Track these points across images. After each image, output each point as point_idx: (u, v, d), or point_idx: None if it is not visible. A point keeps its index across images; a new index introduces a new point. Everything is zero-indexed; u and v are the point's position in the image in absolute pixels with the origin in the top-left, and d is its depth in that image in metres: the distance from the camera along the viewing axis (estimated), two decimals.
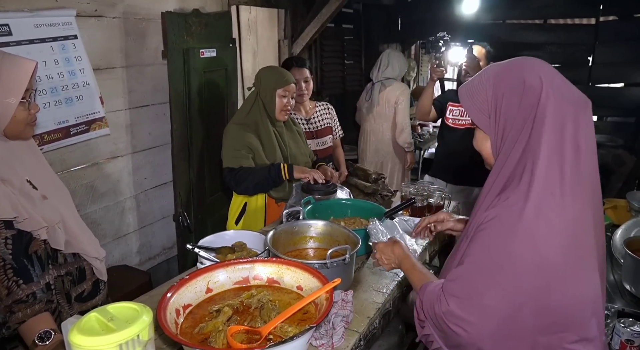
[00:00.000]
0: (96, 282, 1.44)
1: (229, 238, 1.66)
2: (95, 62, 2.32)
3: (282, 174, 2.05)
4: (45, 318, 1.14)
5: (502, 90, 1.01)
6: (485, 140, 1.10)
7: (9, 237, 1.15)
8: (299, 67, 2.62)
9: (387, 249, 1.33)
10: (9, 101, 1.17)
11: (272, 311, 1.19)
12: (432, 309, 1.02)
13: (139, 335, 0.81)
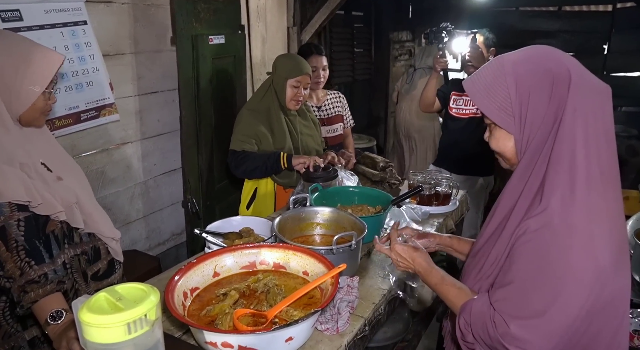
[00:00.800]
0: (111, 262, 1.47)
1: (237, 224, 1.67)
2: (105, 48, 2.32)
3: (280, 163, 2.07)
4: (56, 298, 1.17)
5: (528, 86, 0.92)
6: (507, 140, 0.99)
7: (21, 219, 1.17)
8: (318, 54, 2.63)
9: (406, 254, 1.19)
10: (34, 89, 1.21)
11: (278, 295, 1.21)
12: (486, 332, 0.93)
13: (147, 315, 0.82)
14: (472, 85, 1.00)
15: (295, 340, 1.08)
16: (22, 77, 1.19)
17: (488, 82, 0.97)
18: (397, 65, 5.48)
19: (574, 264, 0.85)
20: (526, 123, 0.94)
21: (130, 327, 0.80)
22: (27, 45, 1.23)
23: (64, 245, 1.30)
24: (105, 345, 0.80)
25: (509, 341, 0.89)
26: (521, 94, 0.92)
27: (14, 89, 1.20)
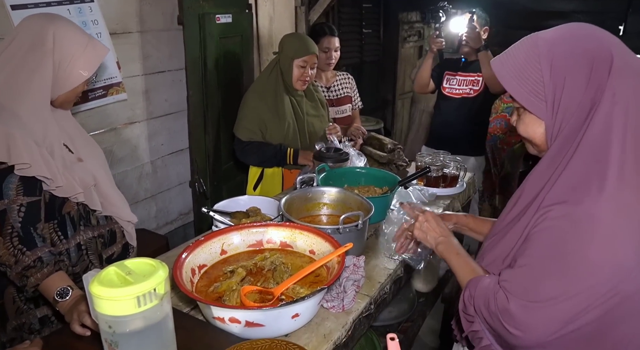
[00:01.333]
0: (125, 245, 1.50)
1: (244, 203, 1.68)
2: (112, 27, 2.31)
3: (287, 159, 2.11)
4: (59, 277, 1.18)
5: (564, 69, 0.85)
6: (537, 126, 0.93)
7: (24, 204, 1.18)
8: (331, 35, 2.61)
9: (435, 222, 1.17)
10: (83, 73, 1.29)
11: (284, 273, 1.22)
12: (487, 305, 0.92)
13: (156, 289, 0.83)
14: (502, 66, 0.93)
15: (301, 317, 1.09)
16: (76, 60, 1.27)
17: (519, 63, 0.90)
18: (406, 46, 5.40)
19: (591, 257, 0.82)
20: (559, 109, 0.87)
21: (140, 301, 0.81)
22: (82, 33, 1.31)
23: (80, 226, 1.33)
24: (116, 318, 0.82)
25: (506, 319, 0.88)
26: (556, 78, 0.86)
27: (68, 70, 1.27)
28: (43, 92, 1.25)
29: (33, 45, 1.22)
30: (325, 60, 2.62)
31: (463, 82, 2.75)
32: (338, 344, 1.15)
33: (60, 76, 1.27)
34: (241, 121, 2.16)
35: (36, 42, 1.22)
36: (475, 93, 2.71)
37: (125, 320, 0.82)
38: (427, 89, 2.88)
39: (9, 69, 1.22)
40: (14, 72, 1.22)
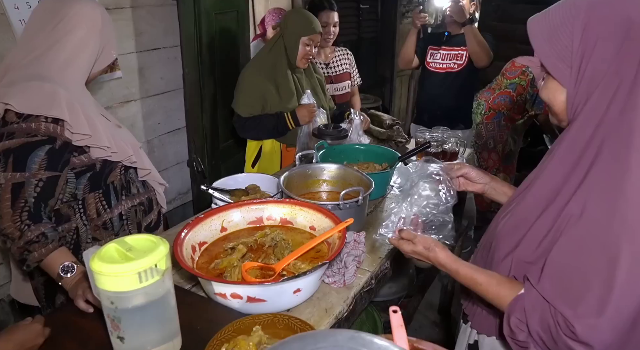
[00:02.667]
0: (159, 213, 1.57)
1: (242, 181, 1.67)
2: (104, 2, 2.24)
3: (288, 124, 2.08)
4: (63, 253, 1.18)
5: (596, 34, 0.78)
6: (559, 92, 0.86)
7: (42, 179, 1.18)
8: (330, 9, 2.55)
9: (423, 255, 1.08)
10: (113, 53, 1.42)
11: (285, 249, 1.22)
12: (549, 333, 0.83)
13: (157, 265, 0.83)
14: (536, 25, 0.86)
15: (303, 292, 1.10)
16: (111, 43, 1.39)
17: (554, 24, 0.83)
18: (405, 22, 5.30)
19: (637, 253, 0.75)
20: (584, 77, 0.81)
21: (142, 276, 0.81)
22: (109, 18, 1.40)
23: (122, 196, 1.40)
24: (118, 294, 0.82)
25: (574, 343, 0.80)
26: (586, 43, 0.79)
27: (106, 50, 1.38)
28: (88, 68, 1.33)
29: (91, 25, 1.30)
30: (324, 35, 2.57)
31: (447, 57, 2.74)
32: (340, 318, 1.15)
33: (101, 55, 1.37)
34: (240, 97, 2.13)
35: (92, 23, 1.31)
36: (460, 67, 2.70)
37: (128, 296, 0.82)
38: (411, 64, 2.87)
39: (70, 46, 1.27)
40: (72, 49, 1.27)
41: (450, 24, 2.67)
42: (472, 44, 2.54)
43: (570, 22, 0.81)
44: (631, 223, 0.75)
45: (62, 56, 1.26)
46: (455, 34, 2.68)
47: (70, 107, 1.20)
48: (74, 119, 1.20)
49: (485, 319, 1.08)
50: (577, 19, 0.80)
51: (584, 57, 0.80)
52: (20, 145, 1.15)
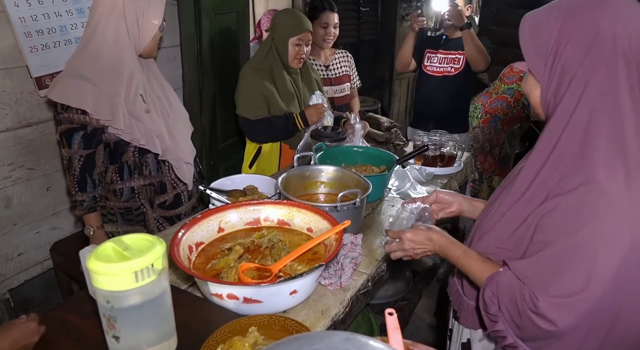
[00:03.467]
0: (177, 196, 1.74)
1: (240, 181, 1.67)
2: None
3: (298, 125, 2.07)
4: (93, 216, 1.61)
5: (568, 36, 0.84)
6: (535, 87, 0.94)
7: (83, 156, 1.52)
8: (331, 11, 2.54)
9: (418, 238, 1.11)
10: (155, 22, 1.54)
11: (282, 250, 1.22)
12: (514, 304, 0.90)
13: (153, 264, 0.83)
14: (526, 20, 0.92)
15: (299, 294, 1.10)
16: (146, 13, 1.51)
17: (538, 21, 0.89)
18: (404, 25, 5.31)
19: (610, 238, 0.81)
20: (555, 75, 0.87)
21: (138, 276, 0.81)
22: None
23: (134, 174, 1.62)
24: (114, 293, 0.82)
25: (537, 317, 0.86)
26: (559, 43, 0.85)
27: (142, 24, 1.51)
28: (127, 48, 1.51)
29: (110, 11, 1.47)
30: (324, 36, 2.56)
31: (444, 60, 2.75)
32: (336, 320, 1.15)
33: (139, 31, 1.52)
34: (245, 100, 2.12)
35: (111, 9, 1.46)
36: (456, 71, 2.71)
37: (124, 295, 0.82)
38: (408, 67, 2.87)
39: (97, 37, 1.48)
40: (98, 40, 1.48)
41: (448, 27, 2.68)
42: (470, 48, 2.55)
43: (550, 22, 0.87)
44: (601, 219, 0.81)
45: (91, 49, 1.49)
46: (453, 37, 2.69)
47: (94, 99, 1.45)
48: (97, 108, 1.46)
49: (471, 314, 1.13)
50: (557, 20, 0.86)
51: (556, 56, 0.86)
52: (66, 130, 1.49)
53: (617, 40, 0.81)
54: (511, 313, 0.91)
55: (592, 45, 0.82)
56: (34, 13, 1.94)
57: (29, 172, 2.07)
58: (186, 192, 1.78)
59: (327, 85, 2.65)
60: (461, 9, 2.54)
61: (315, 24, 2.55)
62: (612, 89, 0.82)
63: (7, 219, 2.04)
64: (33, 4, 1.93)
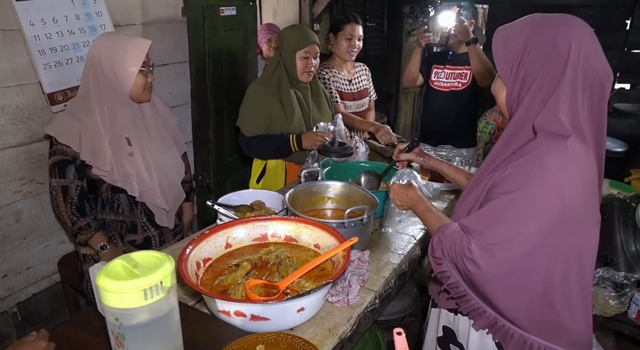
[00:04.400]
0: (147, 238, 1.84)
1: (248, 197, 1.68)
2: (115, 18, 2.30)
3: (291, 147, 2.06)
4: (101, 235, 1.72)
5: (531, 45, 0.99)
6: (501, 89, 1.09)
7: (78, 185, 1.66)
8: (355, 23, 2.55)
9: (400, 191, 1.37)
10: (132, 69, 1.63)
11: (289, 267, 1.22)
12: (453, 247, 1.05)
13: (162, 282, 0.83)
14: (497, 32, 1.07)
15: (306, 311, 1.09)
16: (121, 63, 1.62)
17: (510, 33, 1.04)
18: (410, 40, 5.36)
19: (538, 203, 0.95)
20: (518, 78, 1.02)
21: (147, 293, 0.81)
22: (121, 39, 1.66)
23: (106, 208, 1.75)
24: (123, 310, 0.82)
25: (467, 259, 1.01)
26: (523, 51, 1.00)
27: (119, 72, 1.62)
28: (113, 95, 1.64)
29: (92, 62, 1.63)
30: (348, 48, 2.56)
31: (451, 75, 2.76)
32: (343, 338, 1.15)
33: (119, 79, 1.63)
34: (245, 115, 2.14)
35: (92, 61, 1.62)
36: (464, 86, 2.71)
37: (132, 313, 0.82)
38: (415, 83, 2.88)
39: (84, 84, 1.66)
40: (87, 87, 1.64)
41: (454, 43, 2.70)
42: (476, 63, 2.57)
43: (518, 35, 1.02)
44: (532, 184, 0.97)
45: (84, 94, 1.66)
46: (459, 53, 2.71)
47: (83, 139, 1.61)
48: (81, 147, 1.61)
49: (448, 300, 1.25)
50: (523, 33, 1.02)
51: (520, 62, 1.01)
52: (59, 160, 1.63)
53: (571, 52, 0.96)
54: (450, 256, 1.07)
55: (549, 55, 0.97)
56: (48, 31, 1.99)
57: (39, 187, 2.09)
58: (157, 236, 1.87)
59: (349, 100, 2.65)
60: (467, 24, 2.56)
61: (339, 36, 2.57)
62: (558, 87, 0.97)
63: (17, 233, 2.06)
64: (48, 22, 1.98)
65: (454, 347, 1.31)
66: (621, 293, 1.69)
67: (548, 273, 1.01)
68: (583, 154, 0.97)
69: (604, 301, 1.70)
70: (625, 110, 3.98)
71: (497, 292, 1.04)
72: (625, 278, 1.69)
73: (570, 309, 1.05)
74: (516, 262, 0.99)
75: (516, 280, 1.02)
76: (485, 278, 1.01)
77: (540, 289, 1.03)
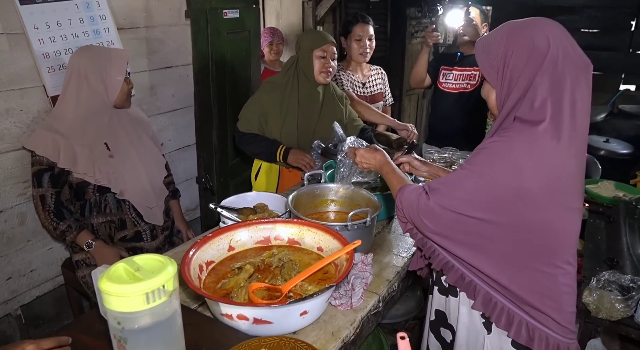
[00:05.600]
0: (138, 232, 1.91)
1: (251, 199, 1.68)
2: (119, 22, 2.30)
3: (277, 156, 2.05)
4: (85, 233, 1.79)
5: (512, 47, 1.06)
6: (491, 92, 1.17)
7: (53, 193, 1.75)
8: (364, 23, 2.53)
9: (368, 154, 1.46)
10: (118, 78, 1.78)
11: (292, 270, 1.21)
12: (409, 206, 1.16)
13: (165, 285, 0.83)
14: (480, 43, 1.15)
15: (309, 315, 1.09)
16: (109, 73, 1.76)
17: (489, 41, 1.12)
18: (414, 42, 5.35)
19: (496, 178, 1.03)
20: (504, 79, 1.08)
21: (149, 297, 0.81)
22: (101, 51, 1.82)
23: (94, 211, 1.83)
24: (125, 314, 0.82)
25: (422, 212, 1.12)
26: (506, 54, 1.07)
27: (107, 81, 1.77)
28: (97, 103, 1.77)
29: (76, 76, 1.74)
30: (360, 50, 2.53)
31: (459, 77, 2.72)
32: (346, 341, 1.14)
33: (107, 88, 1.77)
34: (245, 110, 2.13)
35: (77, 74, 1.74)
36: (473, 87, 2.68)
37: (134, 316, 0.82)
38: (423, 84, 2.85)
39: (66, 97, 1.76)
40: (67, 100, 1.75)
41: (463, 44, 2.67)
42: None
43: (498, 40, 1.10)
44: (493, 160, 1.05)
45: (62, 106, 1.76)
46: (468, 54, 2.68)
47: (61, 148, 1.70)
48: (59, 156, 1.71)
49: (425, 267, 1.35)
50: (502, 38, 1.09)
51: (505, 64, 1.08)
52: (37, 171, 1.73)
53: (550, 48, 1.02)
54: (408, 214, 1.17)
55: (530, 53, 1.04)
56: (52, 35, 2.00)
57: None
58: (148, 231, 1.94)
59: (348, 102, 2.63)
60: (476, 23, 2.54)
61: (349, 38, 2.55)
62: (535, 80, 1.04)
63: (21, 236, 2.06)
64: (52, 26, 1.99)
65: (445, 330, 1.33)
66: (627, 296, 1.67)
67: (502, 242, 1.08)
68: (554, 143, 1.01)
69: (610, 305, 1.68)
70: (631, 112, 3.96)
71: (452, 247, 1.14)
72: (632, 281, 1.67)
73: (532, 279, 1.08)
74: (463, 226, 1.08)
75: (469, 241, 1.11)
76: (435, 233, 1.13)
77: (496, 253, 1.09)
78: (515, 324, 1.10)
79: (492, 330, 1.16)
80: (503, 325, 1.11)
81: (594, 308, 1.61)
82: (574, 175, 1.05)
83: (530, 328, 1.09)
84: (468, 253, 1.12)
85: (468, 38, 2.56)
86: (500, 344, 1.15)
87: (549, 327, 1.08)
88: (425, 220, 1.12)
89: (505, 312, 1.11)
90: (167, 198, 2.05)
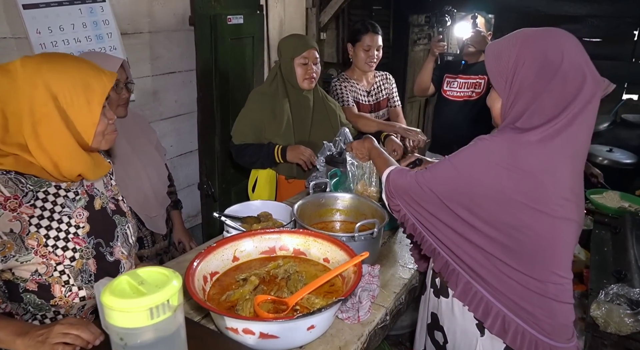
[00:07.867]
0: (140, 238, 1.86)
1: (255, 208, 1.65)
2: (123, 27, 2.29)
3: (275, 157, 2.03)
4: None
5: (524, 58, 1.03)
6: (497, 101, 1.14)
7: None
8: (374, 33, 2.51)
9: (359, 144, 1.63)
10: None
11: (298, 282, 1.19)
12: (396, 180, 1.24)
13: (169, 300, 0.80)
14: (490, 48, 1.12)
15: (316, 329, 1.06)
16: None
17: (501, 48, 1.08)
18: (416, 49, 5.36)
19: (475, 172, 1.07)
20: (512, 90, 1.06)
21: (153, 312, 0.78)
22: (95, 55, 1.75)
23: None
24: (128, 330, 0.79)
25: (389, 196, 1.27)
26: (516, 64, 1.04)
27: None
28: None
29: None
30: (366, 59, 2.52)
31: (464, 85, 2.71)
32: None
33: None
34: (238, 123, 2.11)
35: None
36: (478, 96, 2.66)
37: (137, 332, 0.79)
38: (427, 92, 2.83)
39: None
40: None
41: (468, 54, 2.66)
42: None
43: (510, 49, 1.06)
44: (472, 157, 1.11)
45: None
46: (472, 62, 2.67)
47: None
48: None
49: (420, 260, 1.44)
50: (515, 46, 1.06)
51: (515, 74, 1.05)
52: None
53: (563, 62, 0.99)
54: (396, 189, 1.24)
55: (542, 66, 1.01)
56: (54, 39, 1.98)
57: None
58: (149, 237, 1.90)
59: (367, 112, 2.59)
60: (484, 34, 2.53)
61: (357, 46, 2.53)
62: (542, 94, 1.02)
63: None
64: (54, 30, 1.98)
65: (438, 332, 1.32)
66: (637, 311, 1.64)
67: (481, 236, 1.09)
68: (539, 148, 1.01)
69: (619, 319, 1.65)
70: (634, 121, 3.94)
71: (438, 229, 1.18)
72: None
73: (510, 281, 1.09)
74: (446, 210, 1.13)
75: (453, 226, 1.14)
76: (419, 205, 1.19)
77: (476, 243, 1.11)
78: (492, 315, 1.11)
79: (485, 332, 1.14)
80: (480, 315, 1.13)
81: (602, 322, 1.58)
82: (563, 183, 1.03)
83: (506, 321, 1.10)
84: (453, 240, 1.15)
85: (474, 49, 2.55)
86: (492, 347, 1.14)
87: (531, 326, 1.08)
88: (411, 193, 1.20)
89: (483, 303, 1.13)
90: (169, 207, 2.02)
